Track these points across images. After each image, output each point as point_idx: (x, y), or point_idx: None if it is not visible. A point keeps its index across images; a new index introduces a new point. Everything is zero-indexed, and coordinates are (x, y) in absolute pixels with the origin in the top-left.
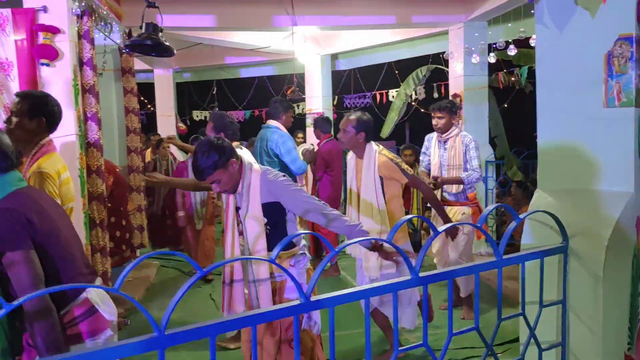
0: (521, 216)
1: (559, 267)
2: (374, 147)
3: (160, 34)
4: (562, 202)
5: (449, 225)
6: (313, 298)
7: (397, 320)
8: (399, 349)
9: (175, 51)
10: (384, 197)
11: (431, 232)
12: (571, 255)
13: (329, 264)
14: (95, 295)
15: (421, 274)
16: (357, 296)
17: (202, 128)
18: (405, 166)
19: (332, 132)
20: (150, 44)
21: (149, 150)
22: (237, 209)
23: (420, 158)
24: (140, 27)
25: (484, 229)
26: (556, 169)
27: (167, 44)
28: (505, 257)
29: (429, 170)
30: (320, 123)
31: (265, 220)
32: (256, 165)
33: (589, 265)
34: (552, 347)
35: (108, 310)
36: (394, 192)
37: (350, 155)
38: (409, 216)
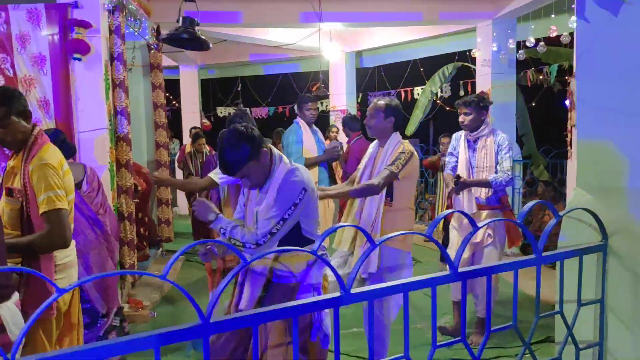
0: (561, 213)
1: (598, 265)
2: (399, 137)
3: (197, 27)
4: (602, 199)
5: (486, 221)
6: (353, 291)
7: (435, 315)
8: (437, 344)
9: (211, 45)
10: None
11: (451, 233)
12: (610, 254)
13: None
14: (8, 313)
15: (460, 270)
16: (396, 290)
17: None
18: (398, 165)
19: (361, 130)
20: (187, 37)
21: (189, 143)
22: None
23: (446, 159)
24: (177, 21)
25: (512, 229)
26: (596, 166)
27: (203, 37)
28: (544, 254)
29: (455, 172)
30: (349, 122)
31: None
32: (285, 159)
33: (628, 264)
34: (589, 347)
35: (14, 333)
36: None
37: (374, 145)
38: (446, 211)
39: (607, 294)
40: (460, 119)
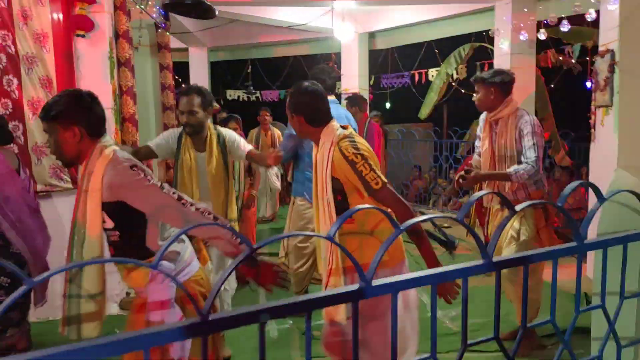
0: (606, 196)
1: None
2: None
3: None
4: None
5: (524, 205)
6: (375, 282)
7: (466, 310)
8: (468, 342)
9: (217, 12)
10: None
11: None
12: None
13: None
14: None
15: (494, 259)
16: (422, 281)
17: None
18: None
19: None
20: (190, 2)
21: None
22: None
23: (476, 143)
24: None
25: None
26: None
27: (209, 3)
28: (586, 242)
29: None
30: (360, 102)
31: (112, 225)
32: (110, 149)
33: None
34: (632, 344)
35: None
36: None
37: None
38: (480, 192)
39: None
40: (473, 97)
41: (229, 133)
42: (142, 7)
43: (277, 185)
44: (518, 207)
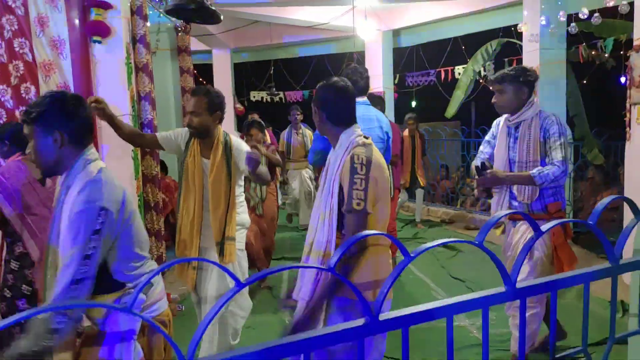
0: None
1: None
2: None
3: None
4: None
5: (551, 223)
6: (382, 317)
7: (487, 345)
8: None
9: (222, 17)
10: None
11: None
12: None
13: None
14: None
15: (519, 285)
16: (437, 313)
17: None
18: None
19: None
20: (193, 7)
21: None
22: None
23: (481, 148)
24: None
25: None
26: None
27: (213, 8)
28: (622, 262)
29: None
30: (380, 101)
31: None
32: (96, 164)
33: None
34: None
35: None
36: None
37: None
38: (503, 212)
39: None
40: (493, 98)
41: (237, 143)
42: (161, 10)
43: (312, 189)
44: (544, 227)
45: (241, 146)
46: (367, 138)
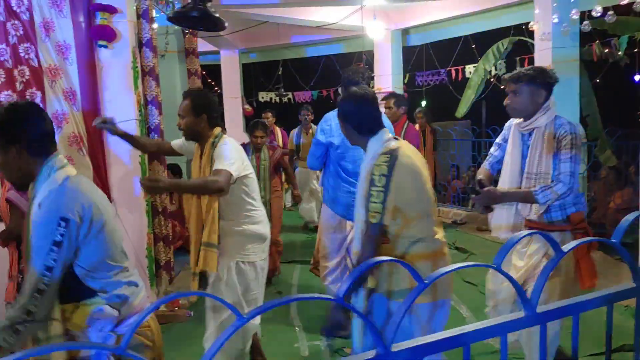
0: None
1: None
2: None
3: (209, 4)
4: None
5: (574, 243)
6: (395, 347)
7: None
8: None
9: (226, 24)
10: None
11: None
12: None
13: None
14: None
15: (539, 310)
16: (453, 342)
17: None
18: None
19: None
20: (196, 15)
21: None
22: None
23: (491, 150)
24: None
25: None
26: None
27: (217, 15)
28: None
29: (496, 172)
30: (404, 100)
31: None
32: (63, 172)
33: None
34: None
35: None
36: None
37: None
38: (521, 233)
39: None
40: (506, 100)
41: (220, 149)
42: (168, 13)
43: (318, 188)
44: (565, 247)
45: (220, 152)
46: (396, 139)
